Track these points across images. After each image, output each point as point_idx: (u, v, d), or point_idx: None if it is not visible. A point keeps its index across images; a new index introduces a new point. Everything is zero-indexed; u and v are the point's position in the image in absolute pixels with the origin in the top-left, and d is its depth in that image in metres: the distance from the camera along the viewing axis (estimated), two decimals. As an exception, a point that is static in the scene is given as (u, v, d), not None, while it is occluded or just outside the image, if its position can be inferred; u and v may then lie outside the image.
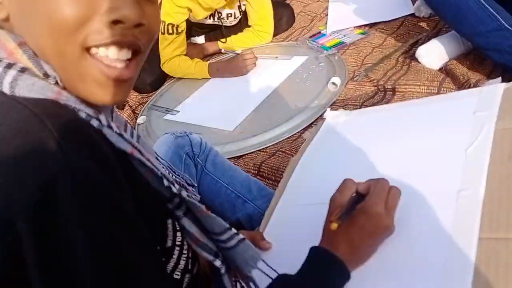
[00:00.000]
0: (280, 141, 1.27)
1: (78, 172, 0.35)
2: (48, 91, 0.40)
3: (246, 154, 1.27)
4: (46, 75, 0.41)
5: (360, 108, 1.25)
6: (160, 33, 1.70)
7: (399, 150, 0.81)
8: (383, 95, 1.29)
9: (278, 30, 1.94)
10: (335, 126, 1.01)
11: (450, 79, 1.22)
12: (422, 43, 1.39)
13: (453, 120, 0.80)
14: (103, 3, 0.40)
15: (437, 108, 0.87)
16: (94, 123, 0.41)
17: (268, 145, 1.28)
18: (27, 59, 0.41)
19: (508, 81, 1.08)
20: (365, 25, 1.72)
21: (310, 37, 1.80)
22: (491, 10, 1.12)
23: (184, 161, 0.97)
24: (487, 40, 1.13)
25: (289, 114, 1.35)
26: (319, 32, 1.81)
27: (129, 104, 1.80)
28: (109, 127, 0.42)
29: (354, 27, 1.74)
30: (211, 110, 1.56)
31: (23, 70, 0.40)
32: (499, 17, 1.11)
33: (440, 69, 1.29)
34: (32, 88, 0.39)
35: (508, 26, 1.09)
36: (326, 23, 1.86)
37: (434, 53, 1.30)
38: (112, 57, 0.42)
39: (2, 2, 0.43)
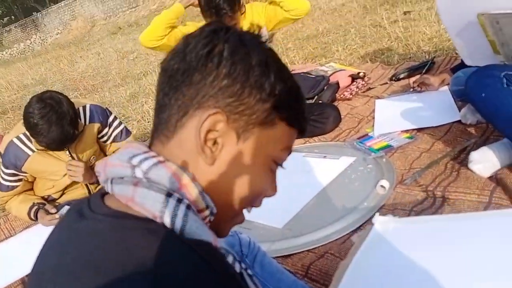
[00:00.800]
0: (329, 242, 1.29)
1: None
2: (209, 235, 0.48)
3: (295, 253, 1.29)
4: (207, 207, 0.51)
5: (410, 213, 1.26)
6: None
7: (451, 266, 0.81)
8: (432, 201, 1.30)
9: (325, 129, 2.04)
10: (385, 233, 1.02)
11: (501, 188, 1.22)
12: (470, 150, 1.42)
13: (504, 245, 0.80)
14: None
15: (493, 225, 0.88)
16: (237, 267, 0.52)
17: (317, 245, 1.29)
18: (197, 193, 0.50)
19: None
20: (412, 130, 1.78)
21: (358, 138, 1.88)
22: None
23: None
24: None
25: (338, 214, 1.38)
26: (366, 134, 1.89)
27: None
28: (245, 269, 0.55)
29: (401, 131, 1.80)
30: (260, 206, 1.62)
31: (189, 206, 0.48)
32: None
33: (491, 177, 1.30)
34: (197, 230, 0.47)
35: None
36: (373, 126, 1.95)
37: (485, 161, 1.32)
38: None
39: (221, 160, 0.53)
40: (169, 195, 0.47)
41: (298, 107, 0.57)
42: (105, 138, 1.94)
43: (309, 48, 4.06)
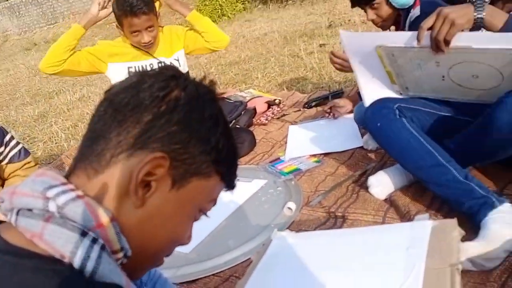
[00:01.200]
0: (235, 265, 1.28)
1: None
2: (121, 278, 0.46)
3: (200, 278, 1.26)
4: (122, 249, 0.48)
5: (312, 234, 1.30)
6: None
7: (339, 278, 0.85)
8: (334, 221, 1.36)
9: (240, 153, 2.07)
10: (283, 249, 1.05)
11: (394, 209, 1.32)
12: (370, 174, 1.52)
13: (388, 255, 0.86)
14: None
15: (374, 241, 0.94)
16: None
17: (223, 269, 1.28)
18: (114, 233, 0.48)
19: (446, 213, 1.19)
20: (320, 154, 1.87)
21: (270, 162, 1.93)
22: (430, 147, 1.26)
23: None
24: (427, 174, 1.25)
25: (245, 237, 1.38)
26: (278, 158, 1.95)
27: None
28: None
29: (310, 155, 1.89)
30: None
31: (103, 247, 0.45)
32: (436, 154, 1.24)
33: (386, 199, 1.39)
34: (110, 273, 0.45)
35: (445, 163, 1.22)
36: (285, 150, 2.01)
37: (381, 184, 1.42)
38: None
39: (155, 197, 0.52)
40: (83, 234, 0.44)
41: (234, 165, 0.60)
42: (0, 158, 1.78)
43: (231, 74, 4.14)
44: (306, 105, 2.53)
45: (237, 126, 2.40)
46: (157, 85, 0.52)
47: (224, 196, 1.79)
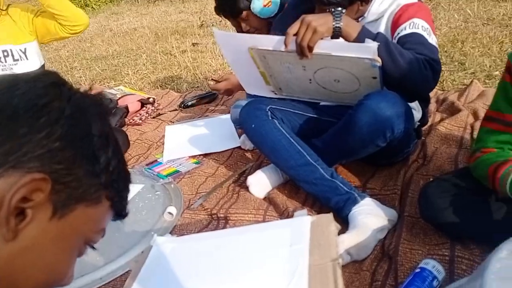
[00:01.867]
0: (114, 279, 1.19)
1: None
2: None
3: (73, 298, 1.14)
4: None
5: (196, 238, 1.28)
6: None
7: (225, 280, 0.85)
8: (216, 223, 1.36)
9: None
10: (163, 255, 1.01)
11: (273, 207, 1.38)
12: (249, 173, 1.56)
13: (272, 252, 0.89)
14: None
15: (257, 239, 0.97)
16: None
17: (101, 284, 1.18)
18: None
19: (320, 208, 1.28)
20: (199, 155, 1.85)
21: (147, 165, 1.84)
22: (299, 147, 1.34)
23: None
24: (298, 173, 1.32)
25: (123, 248, 1.29)
26: (156, 160, 1.87)
27: None
28: None
29: (189, 156, 1.86)
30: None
31: None
32: (305, 153, 1.33)
33: (265, 198, 1.44)
34: None
35: (313, 162, 1.31)
36: (162, 152, 1.94)
37: (259, 183, 1.46)
38: None
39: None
40: None
41: (126, 189, 0.53)
42: None
43: (98, 69, 3.85)
44: (182, 105, 2.49)
45: (108, 126, 2.24)
46: (35, 92, 0.43)
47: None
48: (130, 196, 1.66)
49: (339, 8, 1.18)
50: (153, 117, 2.41)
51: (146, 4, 8.07)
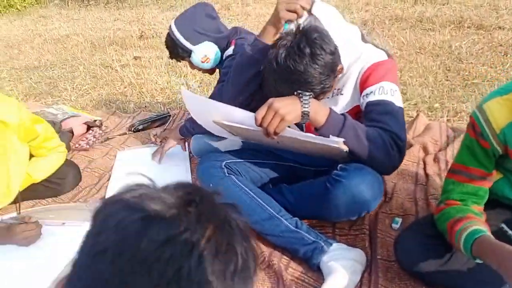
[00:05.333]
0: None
1: None
2: None
3: None
4: None
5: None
6: None
7: None
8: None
9: (61, 191, 1.79)
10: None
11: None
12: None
13: None
14: None
15: None
16: None
17: None
18: None
19: (291, 256, 1.26)
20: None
21: (101, 199, 1.73)
22: (260, 201, 1.31)
23: None
24: (263, 227, 1.30)
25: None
26: (111, 194, 1.77)
27: None
28: None
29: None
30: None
31: None
32: (268, 207, 1.30)
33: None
34: None
35: (276, 214, 1.29)
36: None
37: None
38: None
39: None
40: None
41: None
42: None
43: (30, 81, 3.57)
44: (133, 129, 2.38)
45: (53, 154, 2.08)
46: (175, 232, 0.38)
47: (51, 245, 1.53)
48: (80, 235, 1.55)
49: (307, 93, 1.14)
50: (102, 142, 2.28)
51: (77, 8, 7.66)
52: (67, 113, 2.51)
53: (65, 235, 1.51)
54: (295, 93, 1.15)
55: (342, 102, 1.35)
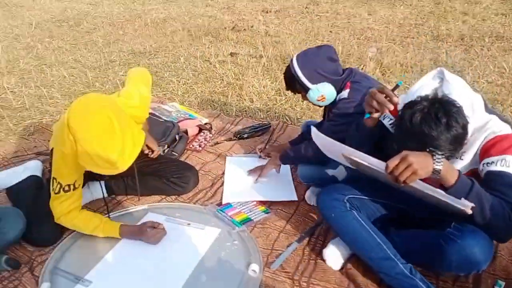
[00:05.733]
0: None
1: None
2: None
3: None
4: None
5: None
6: (53, 192, 1.67)
7: None
8: (300, 291, 1.52)
9: (183, 192, 2.09)
10: None
11: (354, 285, 1.53)
12: (318, 234, 1.72)
13: None
14: None
15: None
16: None
17: None
18: None
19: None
20: (263, 202, 1.99)
21: (218, 205, 1.98)
22: (379, 240, 1.45)
23: None
24: (379, 266, 1.44)
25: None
26: (228, 202, 2.01)
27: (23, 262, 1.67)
28: None
29: (257, 201, 2.00)
30: (131, 283, 1.56)
31: None
32: (385, 247, 1.43)
33: (342, 270, 1.59)
34: None
35: (392, 256, 1.42)
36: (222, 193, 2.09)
37: (335, 255, 1.61)
38: None
39: None
40: None
41: None
42: None
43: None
44: (238, 136, 2.61)
45: (174, 153, 2.37)
46: None
47: (181, 245, 1.79)
48: (210, 241, 1.80)
49: (440, 152, 1.22)
50: (211, 145, 2.54)
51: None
52: (179, 111, 2.80)
53: (192, 237, 1.77)
54: (428, 149, 1.25)
55: (460, 166, 1.46)
